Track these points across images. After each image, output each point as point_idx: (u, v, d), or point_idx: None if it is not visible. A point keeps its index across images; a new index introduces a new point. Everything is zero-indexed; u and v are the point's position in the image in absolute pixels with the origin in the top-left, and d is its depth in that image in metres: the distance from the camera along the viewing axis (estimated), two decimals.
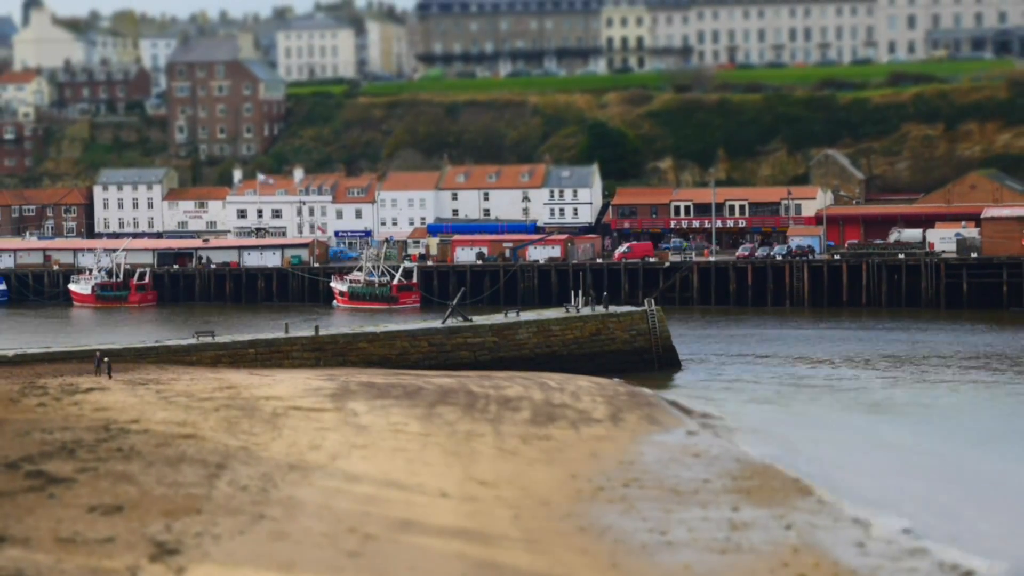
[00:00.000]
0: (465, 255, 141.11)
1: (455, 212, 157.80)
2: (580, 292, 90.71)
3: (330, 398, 58.92)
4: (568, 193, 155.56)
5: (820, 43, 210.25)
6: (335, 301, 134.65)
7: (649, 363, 79.88)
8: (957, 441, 56.17)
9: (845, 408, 65.44)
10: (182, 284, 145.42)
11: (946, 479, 48.06)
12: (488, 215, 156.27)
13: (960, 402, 67.12)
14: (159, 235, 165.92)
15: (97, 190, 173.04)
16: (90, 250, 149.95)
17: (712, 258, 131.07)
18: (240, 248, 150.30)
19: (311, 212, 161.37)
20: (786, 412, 64.19)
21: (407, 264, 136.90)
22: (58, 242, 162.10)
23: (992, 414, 63.37)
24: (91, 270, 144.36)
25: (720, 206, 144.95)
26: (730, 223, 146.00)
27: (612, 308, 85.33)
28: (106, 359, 68.04)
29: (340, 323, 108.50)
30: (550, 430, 53.47)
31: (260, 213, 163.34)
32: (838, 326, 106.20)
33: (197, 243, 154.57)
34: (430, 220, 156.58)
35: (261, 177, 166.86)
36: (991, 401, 67.34)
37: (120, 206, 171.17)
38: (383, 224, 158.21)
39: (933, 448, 54.40)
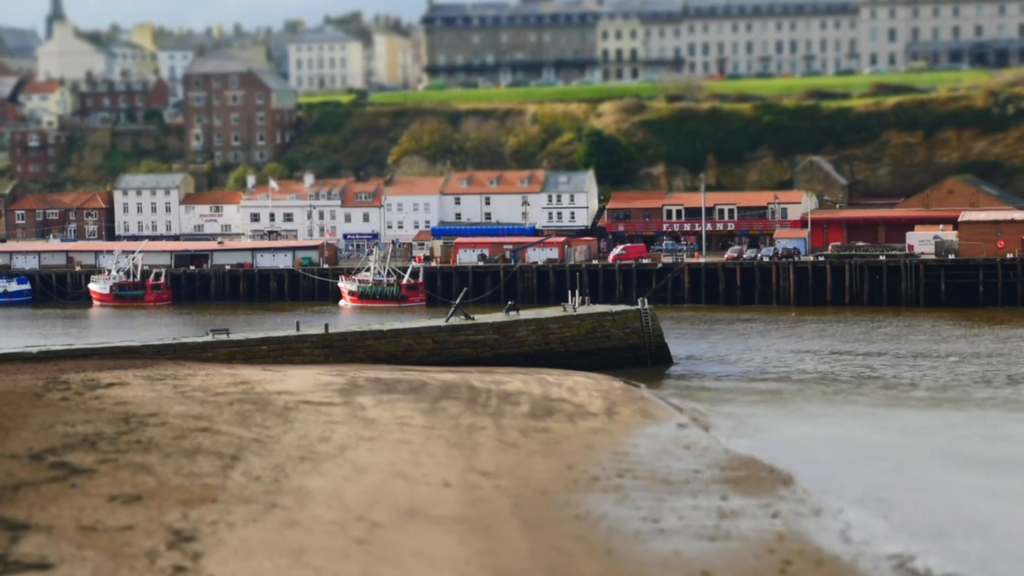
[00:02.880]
0: (467, 256, 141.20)
1: (458, 216, 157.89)
2: (577, 292, 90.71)
3: (339, 393, 58.91)
4: (565, 198, 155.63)
5: (806, 55, 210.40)
6: (343, 300, 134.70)
7: (643, 359, 79.86)
8: (939, 432, 56.20)
9: (831, 402, 65.44)
10: (198, 284, 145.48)
11: (924, 472, 48.06)
12: (489, 219, 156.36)
13: (940, 397, 67.11)
14: (176, 238, 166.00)
15: (117, 195, 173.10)
16: (109, 252, 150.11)
17: (702, 260, 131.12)
18: (253, 250, 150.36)
19: (321, 216, 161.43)
20: (774, 406, 64.18)
21: (414, 265, 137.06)
22: (80, 244, 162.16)
23: (961, 411, 63.36)
24: (110, 271, 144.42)
25: (710, 210, 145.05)
26: (720, 226, 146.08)
27: (607, 307, 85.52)
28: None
29: (348, 321, 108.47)
30: (548, 423, 53.48)
31: (272, 217, 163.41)
32: (822, 324, 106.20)
33: (212, 245, 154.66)
34: (434, 223, 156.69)
35: (273, 182, 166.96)
36: (965, 398, 67.33)
37: (139, 210, 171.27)
38: (389, 227, 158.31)
39: (914, 441, 54.40)
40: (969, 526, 38.70)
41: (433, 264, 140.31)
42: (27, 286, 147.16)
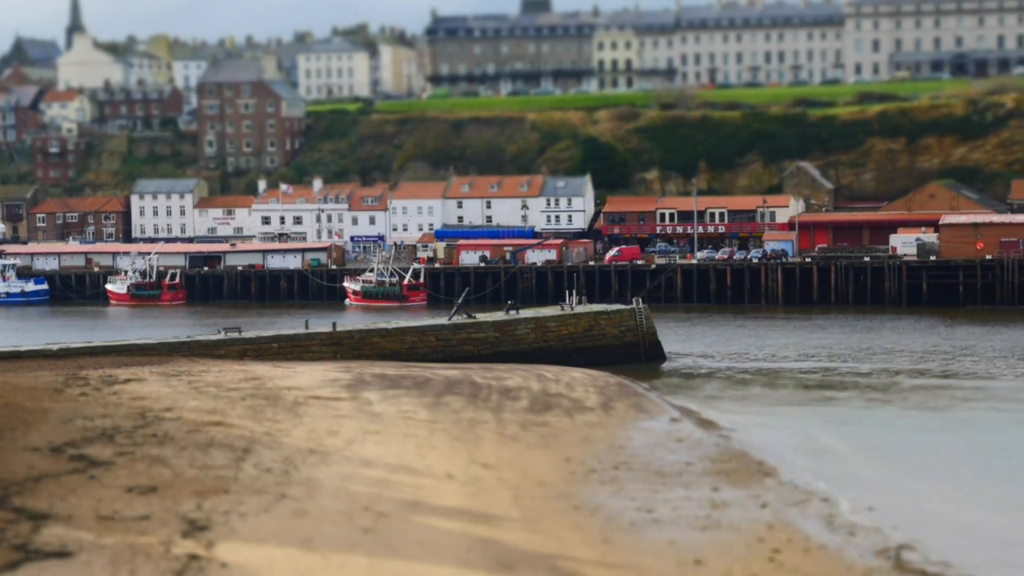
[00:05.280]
0: (469, 258, 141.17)
1: (460, 219, 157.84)
2: (575, 292, 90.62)
3: (346, 388, 58.85)
4: (563, 201, 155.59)
5: (793, 65, 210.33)
6: (348, 300, 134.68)
7: (637, 356, 79.88)
8: (917, 427, 56.19)
9: (818, 397, 65.41)
10: (211, 284, 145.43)
11: (904, 461, 48.04)
12: (490, 221, 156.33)
13: (917, 388, 67.07)
14: (190, 240, 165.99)
15: (134, 199, 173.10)
16: (126, 253, 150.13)
17: (694, 261, 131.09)
18: (264, 252, 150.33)
19: (329, 219, 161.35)
20: (763, 400, 64.15)
21: (416, 266, 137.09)
22: (98, 246, 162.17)
23: (935, 398, 63.35)
24: (127, 271, 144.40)
25: (702, 213, 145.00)
26: (711, 229, 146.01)
27: (603, 307, 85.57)
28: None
29: (355, 320, 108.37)
30: (547, 417, 53.44)
31: (282, 220, 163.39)
32: (809, 322, 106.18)
33: (225, 247, 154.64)
34: (437, 226, 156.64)
35: (283, 187, 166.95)
36: (940, 388, 67.32)
37: (155, 213, 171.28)
38: (395, 230, 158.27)
39: (894, 433, 54.41)
40: (950, 515, 38.74)
41: (436, 265, 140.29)
42: (44, 286, 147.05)
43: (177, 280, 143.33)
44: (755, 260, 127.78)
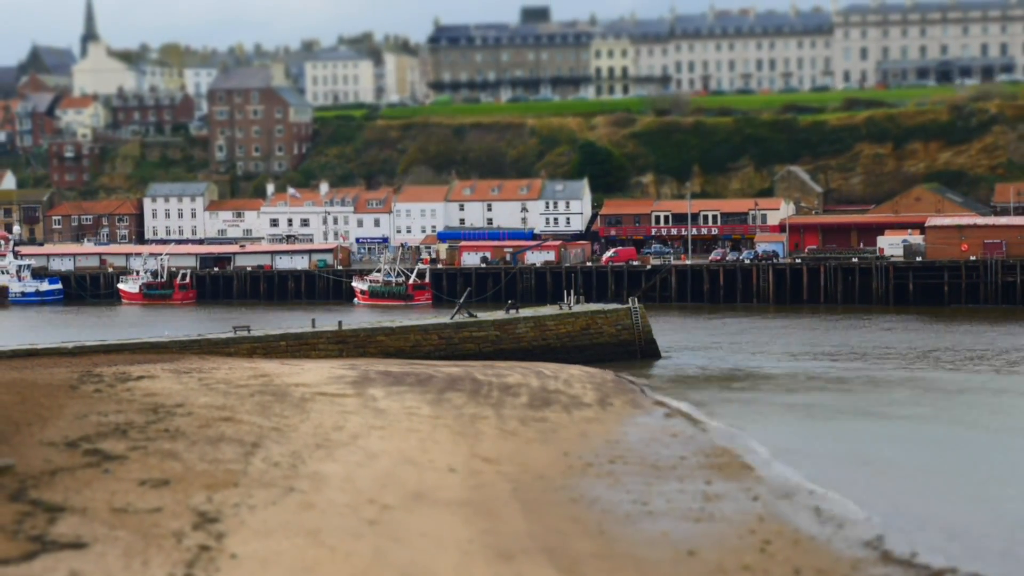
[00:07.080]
0: (471, 259, 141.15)
1: (462, 221, 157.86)
2: (573, 292, 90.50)
3: (352, 385, 58.85)
4: (561, 204, 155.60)
5: (783, 72, 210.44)
6: (356, 299, 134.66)
7: (633, 354, 79.87)
8: (907, 424, 56.18)
9: (808, 394, 65.39)
10: (221, 284, 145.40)
11: (893, 458, 48.04)
12: (491, 224, 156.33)
13: (905, 384, 67.06)
14: (201, 241, 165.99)
15: (147, 202, 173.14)
16: (139, 254, 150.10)
17: (688, 262, 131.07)
18: (272, 253, 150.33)
19: (335, 221, 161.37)
20: (755, 396, 64.13)
21: (420, 266, 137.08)
22: (112, 247, 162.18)
23: (923, 401, 63.32)
24: (138, 271, 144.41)
25: (695, 216, 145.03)
26: (704, 231, 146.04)
27: (600, 306, 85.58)
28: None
29: (361, 319, 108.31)
30: (545, 413, 53.45)
31: (290, 222, 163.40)
32: (799, 321, 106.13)
33: (235, 248, 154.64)
34: (440, 228, 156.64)
35: (291, 190, 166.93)
36: (925, 390, 67.31)
37: (167, 216, 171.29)
38: (398, 232, 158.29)
39: (883, 430, 54.38)
40: (936, 505, 38.75)
41: (439, 266, 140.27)
42: (58, 286, 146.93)
43: (187, 280, 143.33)
44: (747, 261, 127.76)
